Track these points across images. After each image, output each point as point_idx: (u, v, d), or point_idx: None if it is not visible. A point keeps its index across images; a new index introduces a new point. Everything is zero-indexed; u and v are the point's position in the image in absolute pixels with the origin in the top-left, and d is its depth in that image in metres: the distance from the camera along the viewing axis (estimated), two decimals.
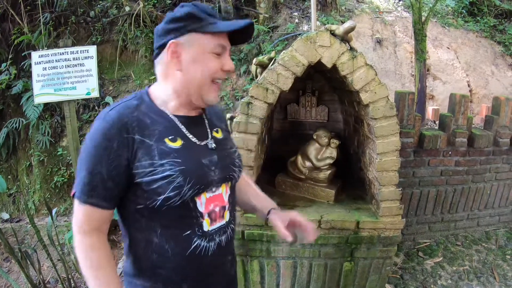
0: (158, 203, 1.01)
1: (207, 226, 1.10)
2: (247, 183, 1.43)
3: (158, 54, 1.07)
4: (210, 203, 1.10)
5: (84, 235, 1.03)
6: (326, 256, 2.00)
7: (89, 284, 1.03)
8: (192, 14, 1.02)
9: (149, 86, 1.14)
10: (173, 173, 1.01)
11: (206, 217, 1.09)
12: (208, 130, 1.16)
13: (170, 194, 1.00)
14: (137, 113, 1.03)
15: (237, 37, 1.10)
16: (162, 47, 1.05)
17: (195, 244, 1.08)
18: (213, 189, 1.11)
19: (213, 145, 1.13)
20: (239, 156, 1.25)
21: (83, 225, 1.02)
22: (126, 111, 1.02)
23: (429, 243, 2.99)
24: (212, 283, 1.20)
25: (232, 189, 1.21)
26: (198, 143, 1.10)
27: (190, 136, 1.09)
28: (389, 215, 1.93)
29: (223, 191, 1.15)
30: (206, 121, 1.17)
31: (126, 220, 1.11)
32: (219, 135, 1.19)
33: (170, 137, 1.04)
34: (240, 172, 1.23)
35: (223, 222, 1.15)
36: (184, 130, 1.08)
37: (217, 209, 1.12)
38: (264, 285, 2.11)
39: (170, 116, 1.08)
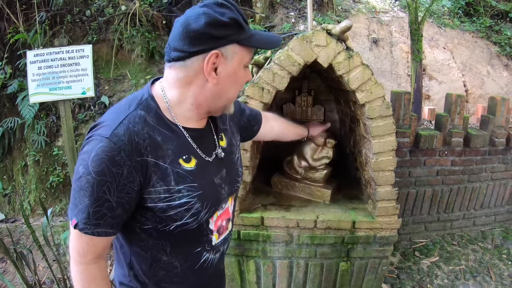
0: (171, 227, 0.95)
1: (215, 240, 1.10)
2: (274, 125, 1.59)
3: (186, 57, 0.90)
4: (219, 220, 1.09)
5: (87, 265, 0.93)
6: (322, 256, 2.00)
7: None
8: (237, 22, 0.90)
9: (151, 84, 1.00)
10: (191, 200, 0.94)
11: (215, 232, 1.09)
12: (216, 140, 1.08)
13: (188, 221, 0.95)
14: (147, 129, 0.90)
15: None
16: (198, 53, 0.89)
17: (204, 258, 1.08)
18: (223, 206, 1.10)
19: (222, 154, 1.08)
20: (241, 160, 1.22)
21: (87, 255, 0.92)
22: (135, 128, 0.88)
23: (425, 243, 2.99)
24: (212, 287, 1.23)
25: (235, 198, 1.21)
26: (207, 159, 1.01)
27: (200, 153, 1.00)
28: (386, 215, 1.93)
29: (229, 203, 1.15)
30: (213, 130, 1.09)
31: (128, 236, 1.01)
32: (223, 142, 1.11)
33: (184, 157, 0.95)
34: (241, 180, 1.21)
35: (227, 232, 1.16)
36: (195, 146, 0.99)
37: (224, 223, 1.12)
38: (260, 285, 2.10)
39: (180, 128, 0.96)
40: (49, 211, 2.62)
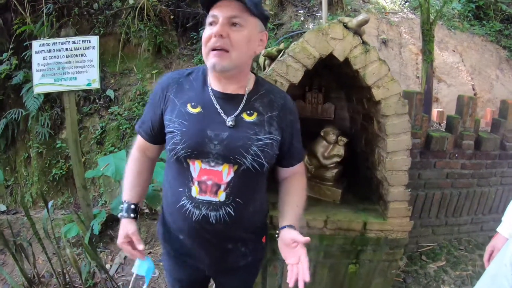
0: (167, 154, 1.22)
1: (195, 192, 1.18)
2: (289, 191, 1.37)
3: None
4: (204, 175, 1.17)
5: (134, 150, 1.40)
6: (331, 257, 1.94)
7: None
8: None
9: None
10: (175, 130, 1.18)
11: (196, 184, 1.18)
12: (239, 110, 1.21)
13: (169, 147, 1.19)
14: (182, 79, 1.27)
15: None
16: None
17: (182, 202, 1.20)
18: (211, 163, 1.16)
19: (231, 123, 1.18)
20: (267, 146, 1.19)
21: (136, 144, 1.39)
22: (174, 75, 1.29)
23: (432, 247, 2.94)
24: (198, 253, 1.32)
25: (241, 176, 1.18)
26: (222, 116, 1.20)
27: (218, 108, 1.21)
28: (397, 217, 1.88)
29: (224, 170, 1.17)
30: (244, 101, 1.23)
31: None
32: (250, 118, 1.21)
33: (193, 104, 1.21)
34: (258, 163, 1.18)
35: (215, 199, 1.17)
36: (215, 102, 1.21)
37: (209, 182, 1.17)
38: (266, 286, 2.04)
39: (209, 88, 1.23)
40: (50, 204, 2.58)
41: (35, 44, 2.89)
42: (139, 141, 1.38)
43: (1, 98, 5.03)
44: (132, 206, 1.32)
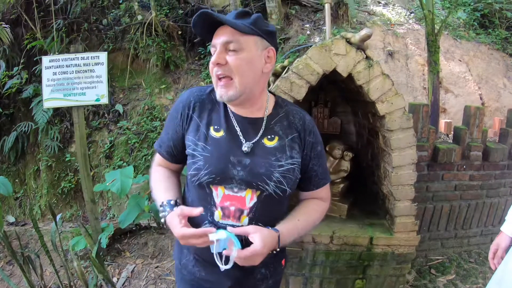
0: (188, 177, 1.19)
1: (218, 216, 1.15)
2: (300, 207, 1.32)
3: None
4: (227, 200, 1.15)
5: (155, 166, 1.34)
6: (337, 273, 1.93)
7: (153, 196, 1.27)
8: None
9: None
10: (199, 155, 1.15)
11: (219, 209, 1.15)
12: (260, 135, 1.19)
13: (192, 173, 1.15)
14: (205, 97, 1.23)
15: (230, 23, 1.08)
16: None
17: (204, 225, 1.16)
18: (234, 189, 1.14)
19: (246, 148, 1.16)
20: (289, 172, 1.17)
21: (156, 162, 1.34)
22: (196, 93, 1.24)
23: (441, 260, 2.89)
24: (218, 277, 1.22)
25: (263, 201, 1.16)
26: (242, 141, 1.17)
27: (239, 132, 1.18)
28: (404, 231, 1.86)
29: (247, 196, 1.15)
30: (264, 126, 1.20)
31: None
32: (271, 142, 1.19)
33: (216, 127, 1.18)
34: (281, 190, 1.15)
35: (237, 223, 1.15)
36: (236, 125, 1.19)
37: (232, 208, 1.14)
38: None
39: (229, 110, 1.20)
40: (58, 216, 2.60)
41: (45, 60, 2.95)
42: (159, 160, 1.33)
43: (11, 111, 5.13)
44: (172, 202, 1.18)
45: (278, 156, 1.17)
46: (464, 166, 2.75)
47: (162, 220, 1.18)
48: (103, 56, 3.00)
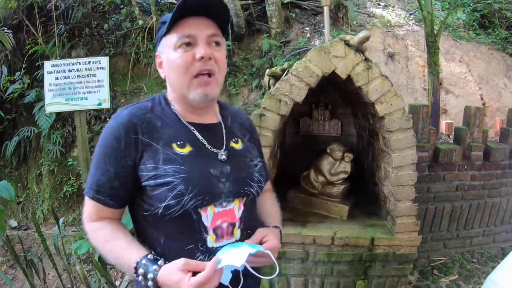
0: (160, 211, 0.96)
1: (211, 242, 1.01)
2: (265, 203, 1.29)
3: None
4: (218, 219, 1.02)
5: (93, 222, 1.03)
6: (339, 274, 1.93)
7: (109, 261, 1.00)
8: (161, 22, 1.04)
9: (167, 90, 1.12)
10: (174, 180, 0.96)
11: (211, 232, 1.01)
12: (225, 140, 1.10)
13: (170, 202, 0.95)
14: (149, 115, 1.03)
15: (214, 15, 1.00)
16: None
17: (198, 259, 0.98)
18: (224, 204, 1.02)
19: (223, 156, 1.05)
20: (262, 169, 1.15)
21: (93, 215, 1.02)
22: (137, 112, 1.02)
23: (444, 261, 2.89)
24: None
25: (248, 206, 1.10)
26: (212, 150, 1.05)
27: (205, 142, 1.05)
28: (405, 232, 1.87)
29: (235, 206, 1.05)
30: (224, 130, 1.12)
31: (136, 225, 1.09)
32: (238, 145, 1.12)
33: (178, 143, 1.01)
34: (261, 188, 1.12)
35: (231, 240, 1.05)
36: (198, 135, 1.05)
37: (224, 225, 1.03)
38: None
39: (183, 121, 1.06)
40: (61, 220, 2.61)
41: (47, 65, 2.98)
42: (98, 211, 1.01)
43: (14, 116, 5.16)
44: (150, 257, 0.94)
45: (249, 156, 1.13)
46: (465, 166, 2.76)
47: (150, 283, 0.90)
48: (104, 60, 3.03)
